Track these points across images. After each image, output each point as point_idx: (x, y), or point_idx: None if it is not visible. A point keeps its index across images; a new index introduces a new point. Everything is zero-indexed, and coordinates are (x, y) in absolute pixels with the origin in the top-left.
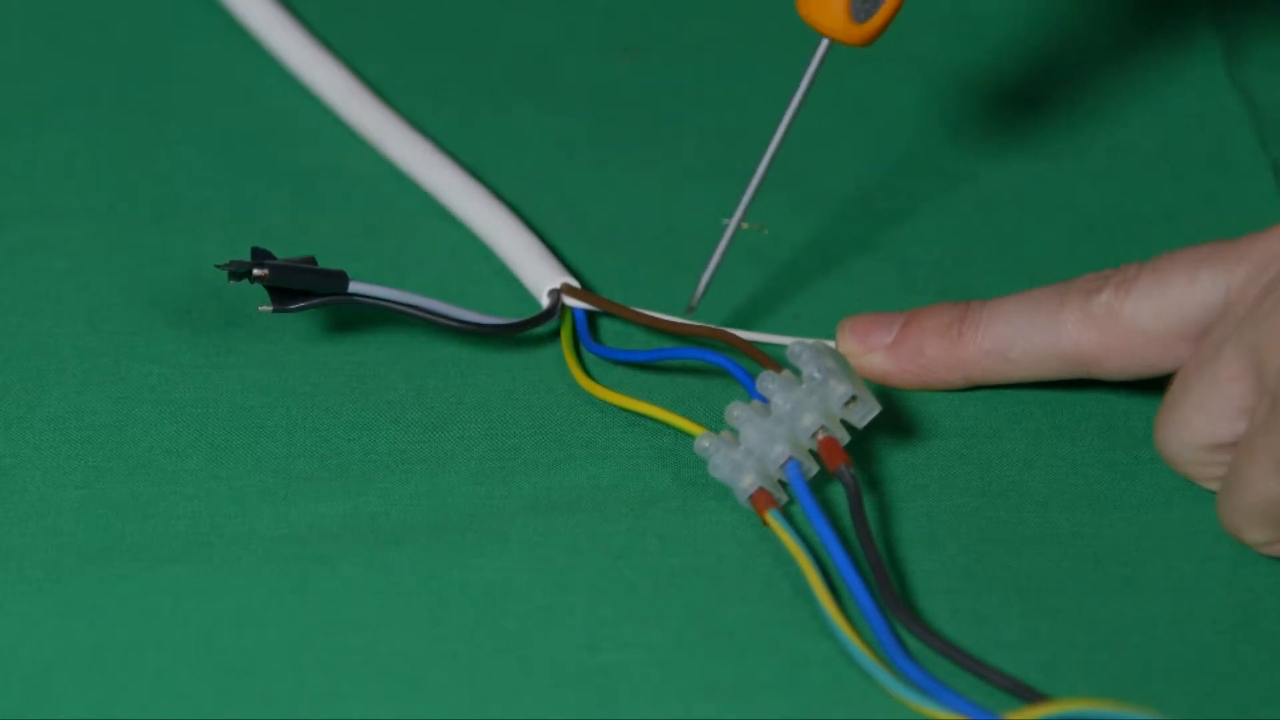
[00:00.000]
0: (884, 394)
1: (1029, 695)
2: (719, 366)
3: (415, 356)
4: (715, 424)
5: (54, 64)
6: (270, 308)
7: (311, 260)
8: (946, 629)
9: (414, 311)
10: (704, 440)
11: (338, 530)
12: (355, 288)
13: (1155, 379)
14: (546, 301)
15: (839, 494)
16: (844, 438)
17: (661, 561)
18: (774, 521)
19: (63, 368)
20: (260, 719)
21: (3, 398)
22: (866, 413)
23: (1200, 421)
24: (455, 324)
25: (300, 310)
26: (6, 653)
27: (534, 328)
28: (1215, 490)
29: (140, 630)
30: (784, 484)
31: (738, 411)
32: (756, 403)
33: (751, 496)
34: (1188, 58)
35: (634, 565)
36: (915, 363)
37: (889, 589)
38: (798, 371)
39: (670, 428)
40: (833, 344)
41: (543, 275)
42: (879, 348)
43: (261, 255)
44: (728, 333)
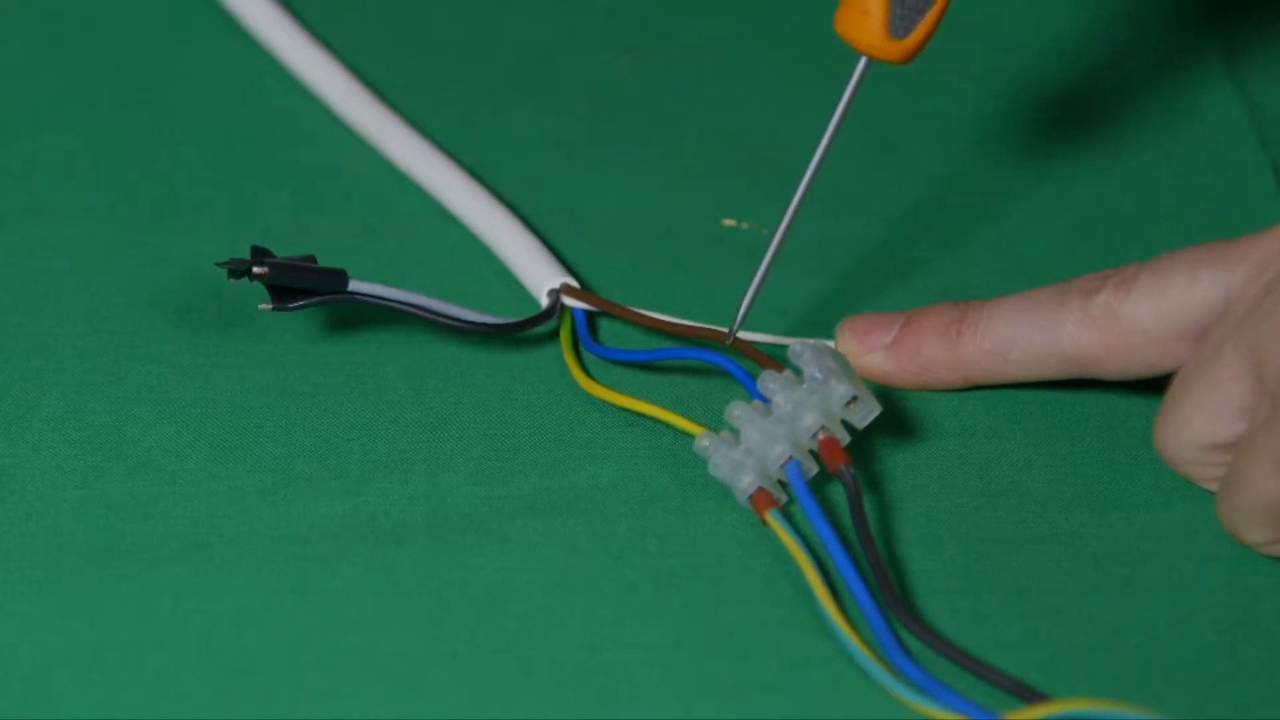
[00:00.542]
0: (884, 394)
1: (1029, 695)
2: (719, 366)
3: (415, 356)
4: (715, 424)
5: (54, 64)
6: (270, 306)
7: (311, 259)
8: (946, 629)
9: (414, 311)
10: (704, 440)
11: (337, 530)
12: (355, 286)
13: (1155, 379)
14: (546, 301)
15: (839, 494)
16: (844, 438)
17: (661, 561)
18: (774, 521)
19: (62, 368)
20: (260, 719)
21: (2, 398)
22: (867, 413)
23: (1200, 422)
24: (455, 324)
25: (300, 309)
26: (6, 653)
27: (533, 327)
28: (1215, 490)
29: (140, 630)
30: (784, 484)
31: (738, 411)
32: (757, 402)
33: (751, 496)
34: (1188, 58)
35: (634, 565)
36: (915, 363)
37: (889, 589)
38: (799, 371)
39: (670, 427)
40: (833, 344)
41: (542, 275)
42: (879, 348)
43: (261, 254)
44: (727, 332)
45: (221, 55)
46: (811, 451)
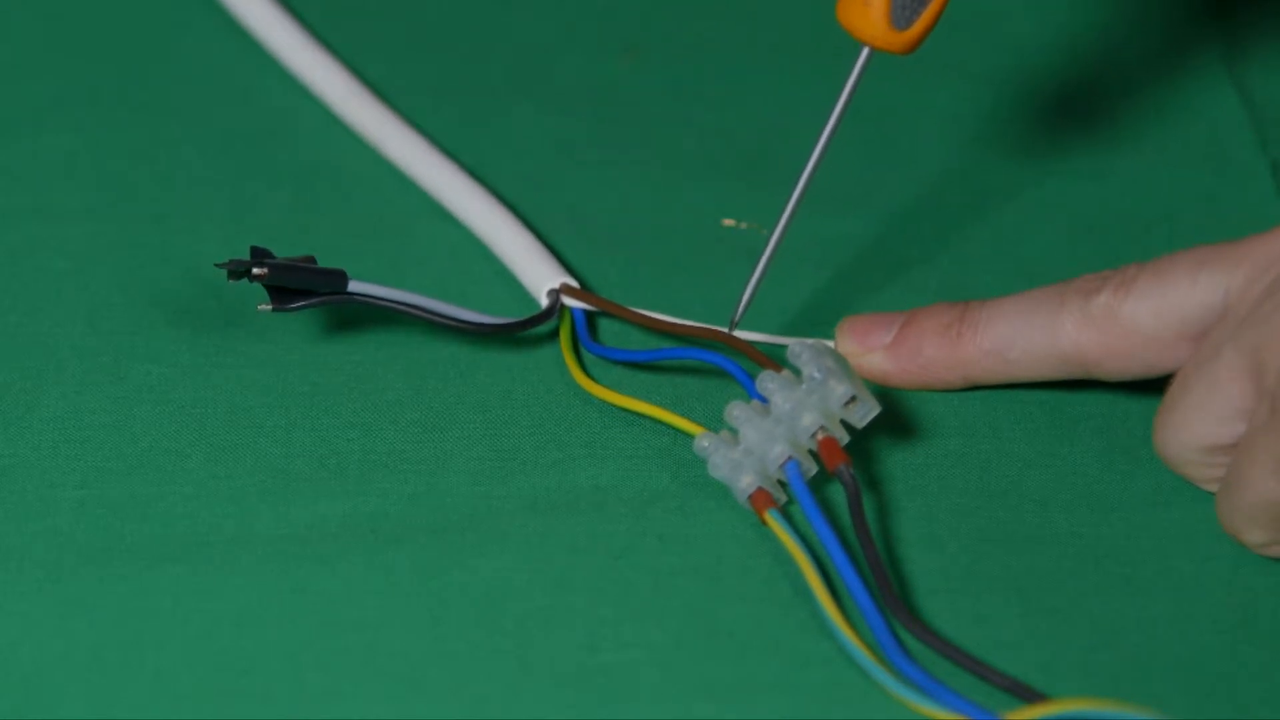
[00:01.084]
0: (884, 394)
1: (1029, 695)
2: (718, 366)
3: (415, 356)
4: (715, 424)
5: (54, 64)
6: (270, 307)
7: (311, 260)
8: (946, 629)
9: (413, 311)
10: (703, 440)
11: (337, 530)
12: (355, 287)
13: (1155, 379)
14: (545, 301)
15: (838, 494)
16: (844, 438)
17: (661, 561)
18: (773, 521)
19: (62, 367)
20: (260, 719)
21: (2, 397)
22: (866, 413)
23: (1199, 423)
24: (455, 324)
25: (300, 309)
26: (6, 653)
27: (533, 327)
28: (1214, 491)
29: (140, 630)
30: (783, 484)
31: (737, 411)
32: (756, 403)
33: (751, 496)
34: (1188, 57)
35: (634, 565)
36: (914, 363)
37: (889, 589)
38: (798, 371)
39: (669, 427)
40: (832, 344)
41: (542, 275)
42: (878, 348)
43: (261, 254)
44: (727, 333)
45: (221, 55)
46: (811, 451)
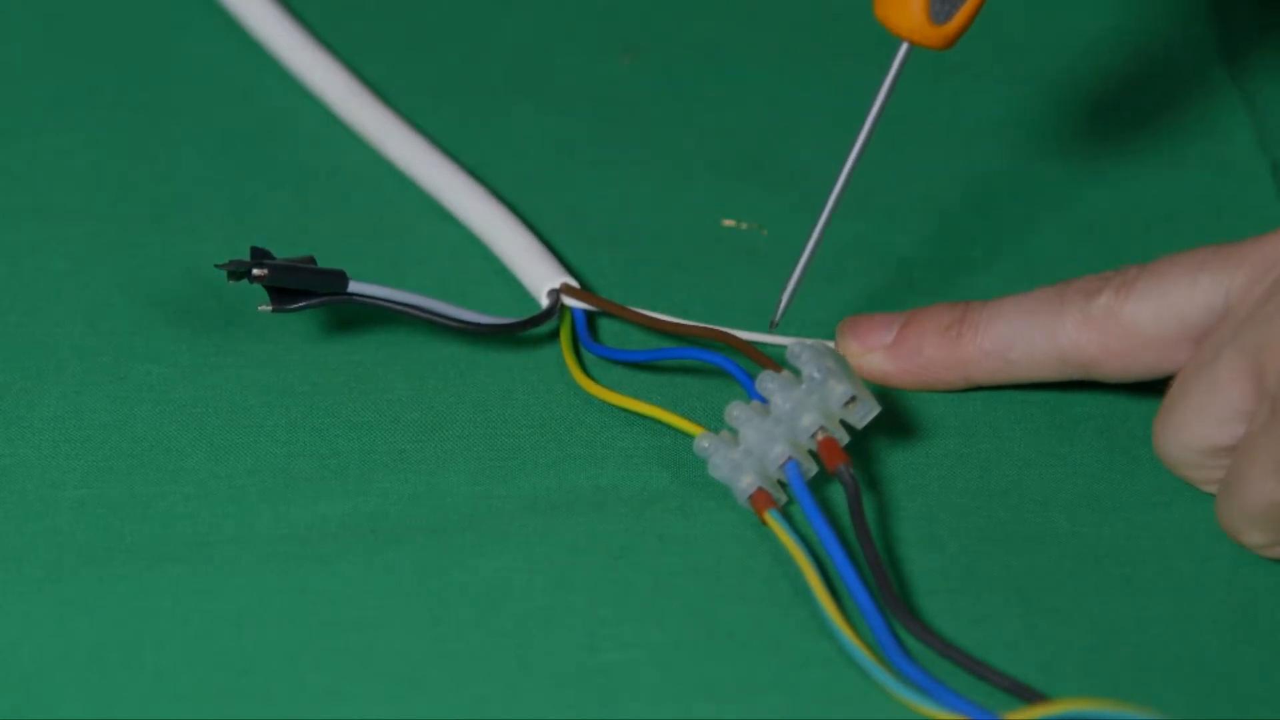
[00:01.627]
0: (884, 394)
1: (1029, 695)
2: (718, 366)
3: (415, 356)
4: (715, 424)
5: (54, 64)
6: (270, 307)
7: (311, 260)
8: (946, 629)
9: (413, 311)
10: (703, 440)
11: (337, 530)
12: (355, 287)
13: (1155, 380)
14: (546, 301)
15: (838, 494)
16: (843, 438)
17: (661, 561)
18: (773, 521)
19: (63, 367)
20: (260, 719)
21: (2, 398)
22: (866, 413)
23: (1199, 425)
24: (455, 324)
25: (300, 310)
26: (6, 653)
27: (533, 327)
28: (1214, 493)
29: (140, 630)
30: (783, 484)
31: (737, 411)
32: (756, 403)
33: (751, 496)
34: (1188, 58)
35: (634, 565)
36: (915, 363)
37: (889, 589)
38: (797, 371)
39: (669, 428)
40: (833, 344)
41: (542, 275)
42: (879, 348)
43: (261, 255)
44: (727, 333)
45: (221, 55)
46: (811, 451)
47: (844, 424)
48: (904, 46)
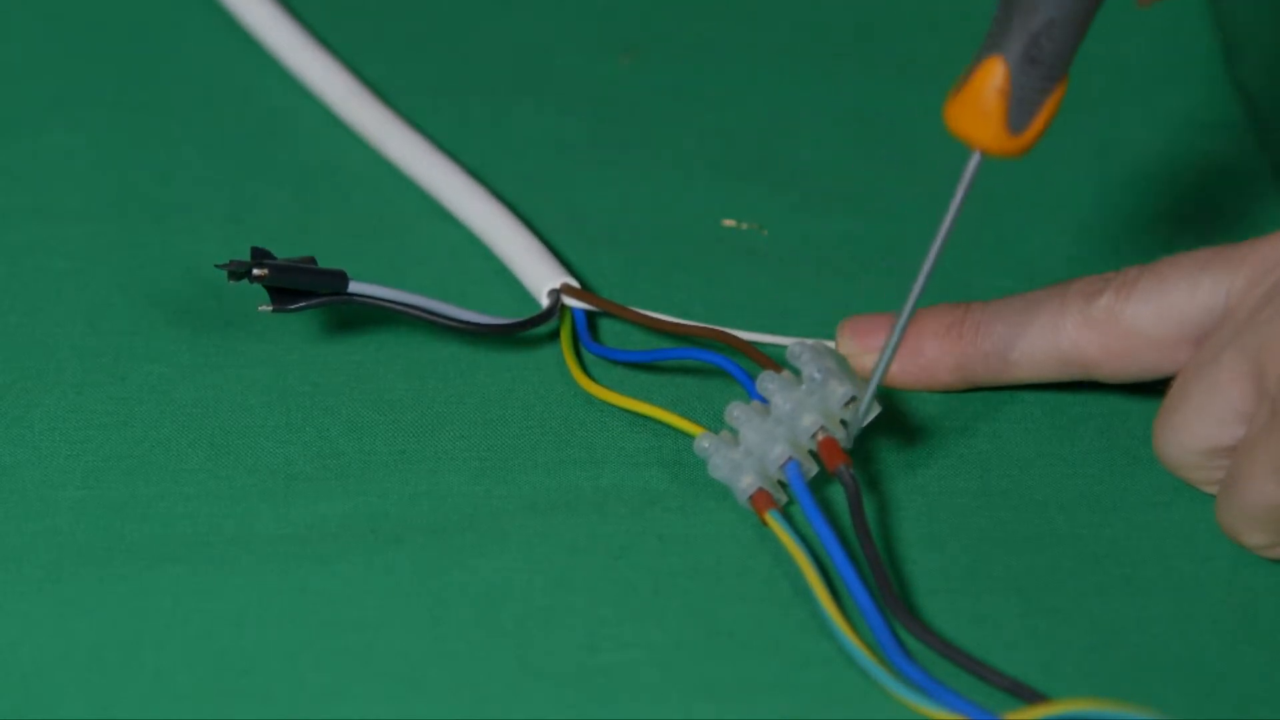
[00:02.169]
0: (884, 394)
1: (1029, 695)
2: (719, 366)
3: (415, 356)
4: (715, 424)
5: (54, 64)
6: (270, 307)
7: (311, 260)
8: (946, 629)
9: (413, 311)
10: (703, 440)
11: (337, 530)
12: (355, 287)
13: (1155, 381)
14: (546, 301)
15: (839, 494)
16: (844, 438)
17: (661, 561)
18: (773, 522)
19: (63, 368)
20: (260, 719)
21: (2, 398)
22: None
23: (1199, 426)
24: (455, 324)
25: (300, 310)
26: (6, 653)
27: (533, 328)
28: (1214, 493)
29: (140, 630)
30: (783, 484)
31: (737, 411)
32: (756, 403)
33: (751, 497)
34: (1188, 58)
35: (634, 565)
36: (915, 363)
37: (889, 589)
38: (798, 372)
39: (670, 428)
40: (833, 344)
41: (542, 275)
42: (879, 348)
43: (261, 255)
44: (727, 333)
45: (221, 55)
46: (811, 452)
47: (844, 424)
48: (975, 157)
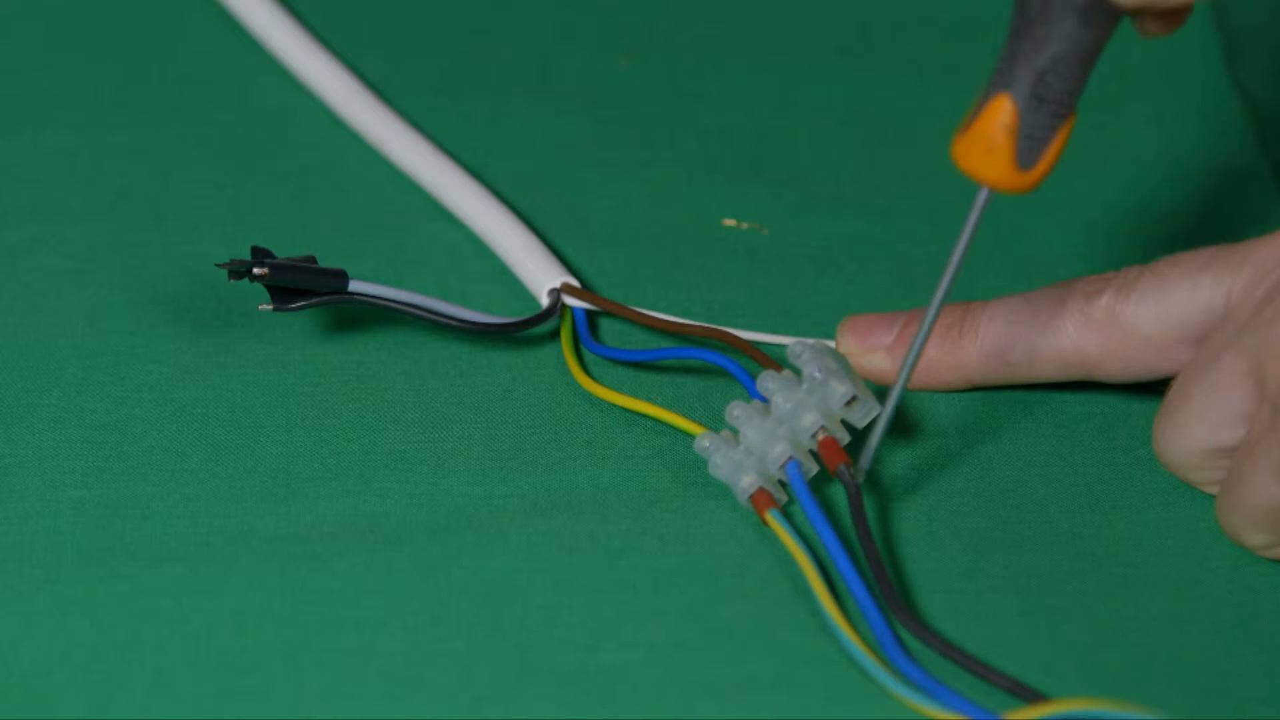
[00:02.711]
0: (884, 394)
1: (1029, 695)
2: (719, 366)
3: (415, 356)
4: (715, 424)
5: (54, 64)
6: (270, 307)
7: (311, 259)
8: (946, 629)
9: (414, 311)
10: (704, 440)
11: (337, 530)
12: (355, 286)
13: (1155, 381)
14: (546, 301)
15: (839, 494)
16: (844, 438)
17: (661, 561)
18: (774, 521)
19: (63, 368)
20: (260, 719)
21: (3, 398)
22: (866, 413)
23: (1199, 427)
24: (455, 323)
25: (300, 309)
26: (6, 653)
27: (534, 327)
28: (1214, 494)
29: (140, 630)
30: (784, 484)
31: (738, 411)
32: (756, 402)
33: (751, 496)
34: (1188, 58)
35: (634, 565)
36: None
37: (889, 589)
38: (798, 371)
39: (670, 427)
40: (833, 344)
41: (543, 274)
42: (879, 348)
43: (261, 254)
44: (728, 332)
45: (221, 55)
46: (811, 451)
47: (844, 424)
48: (984, 193)
